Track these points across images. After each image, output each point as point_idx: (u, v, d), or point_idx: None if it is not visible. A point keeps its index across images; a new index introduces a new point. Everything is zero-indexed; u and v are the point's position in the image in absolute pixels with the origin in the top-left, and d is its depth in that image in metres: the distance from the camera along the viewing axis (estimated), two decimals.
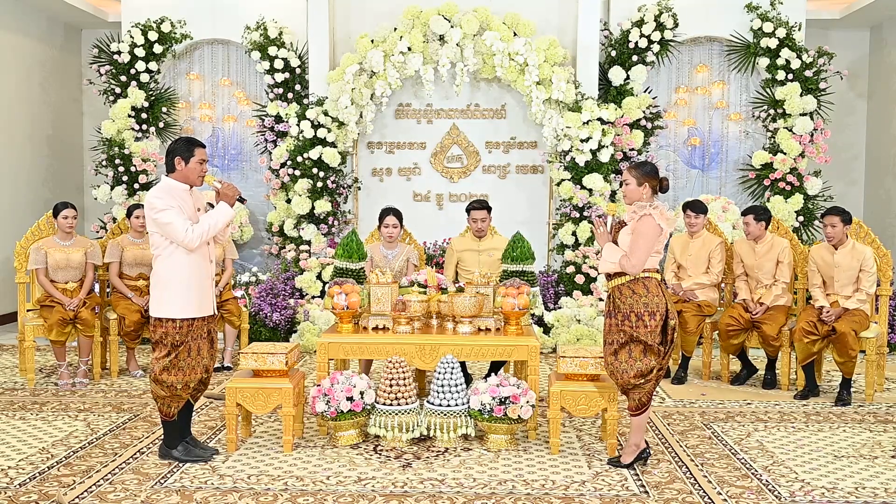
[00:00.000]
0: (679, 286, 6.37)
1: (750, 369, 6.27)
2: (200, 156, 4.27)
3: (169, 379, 4.21)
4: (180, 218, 4.13)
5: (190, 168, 4.23)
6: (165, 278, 4.21)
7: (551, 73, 7.92)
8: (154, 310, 4.26)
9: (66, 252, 6.17)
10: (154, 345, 4.29)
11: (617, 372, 4.19)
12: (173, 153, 4.24)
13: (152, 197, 4.16)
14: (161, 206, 4.11)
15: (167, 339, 4.22)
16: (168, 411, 4.29)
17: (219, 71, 8.92)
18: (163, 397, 4.26)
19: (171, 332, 4.21)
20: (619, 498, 3.87)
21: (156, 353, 4.26)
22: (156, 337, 4.26)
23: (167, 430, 4.36)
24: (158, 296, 4.24)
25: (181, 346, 4.23)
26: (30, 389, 5.94)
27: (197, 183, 4.29)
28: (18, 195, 9.06)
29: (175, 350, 4.22)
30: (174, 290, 4.21)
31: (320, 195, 8.16)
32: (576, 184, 8.05)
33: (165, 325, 4.22)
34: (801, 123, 8.11)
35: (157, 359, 4.24)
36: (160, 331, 4.23)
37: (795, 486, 4.04)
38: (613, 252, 4.24)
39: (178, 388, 4.24)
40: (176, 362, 4.22)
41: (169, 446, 4.35)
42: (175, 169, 4.24)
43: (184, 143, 4.26)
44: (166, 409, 4.29)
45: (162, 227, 4.13)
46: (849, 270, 5.71)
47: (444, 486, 3.99)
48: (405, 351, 4.69)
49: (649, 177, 4.23)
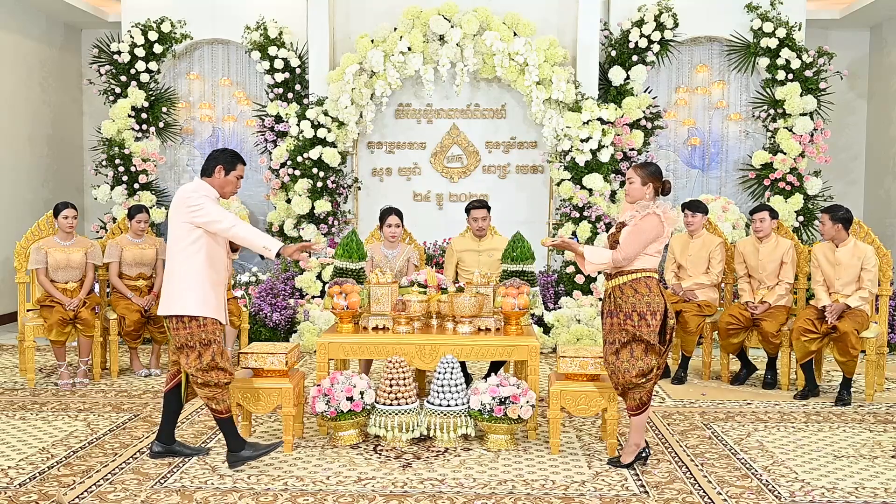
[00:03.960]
0: (679, 286, 6.37)
1: (750, 369, 6.27)
2: (240, 172, 4.28)
3: (213, 377, 4.10)
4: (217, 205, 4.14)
5: (227, 180, 4.23)
6: (185, 275, 4.09)
7: (551, 73, 7.92)
8: (170, 308, 4.11)
9: (66, 252, 6.17)
10: (179, 350, 4.14)
11: (618, 371, 4.19)
12: (217, 160, 4.21)
13: (191, 191, 4.11)
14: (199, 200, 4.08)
15: (193, 339, 4.09)
16: (223, 407, 4.16)
17: (219, 71, 8.92)
18: (212, 395, 4.13)
19: (195, 331, 4.09)
20: (619, 498, 3.87)
21: (186, 357, 4.10)
22: (180, 341, 4.10)
23: (229, 433, 4.20)
24: (177, 294, 4.10)
25: (211, 344, 4.11)
26: (30, 389, 5.94)
27: (226, 196, 4.27)
28: (18, 195, 9.07)
29: (206, 349, 4.10)
30: (196, 288, 4.09)
31: (320, 195, 8.15)
32: (576, 184, 8.05)
33: (189, 325, 4.09)
34: (801, 123, 8.11)
35: (191, 364, 4.09)
36: (184, 332, 4.09)
37: (795, 486, 4.04)
38: (598, 253, 4.25)
39: (222, 381, 4.13)
40: (214, 364, 4.10)
41: (236, 450, 4.20)
42: (213, 175, 4.21)
43: (230, 154, 4.26)
44: (220, 406, 4.15)
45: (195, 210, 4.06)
46: (850, 269, 5.71)
47: (444, 486, 3.99)
48: (405, 351, 4.69)
49: (653, 178, 4.24)
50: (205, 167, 4.25)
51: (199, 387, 4.14)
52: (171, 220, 4.17)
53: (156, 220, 8.40)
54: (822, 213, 5.81)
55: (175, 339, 4.14)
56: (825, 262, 5.82)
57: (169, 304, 4.13)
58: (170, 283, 4.15)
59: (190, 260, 4.11)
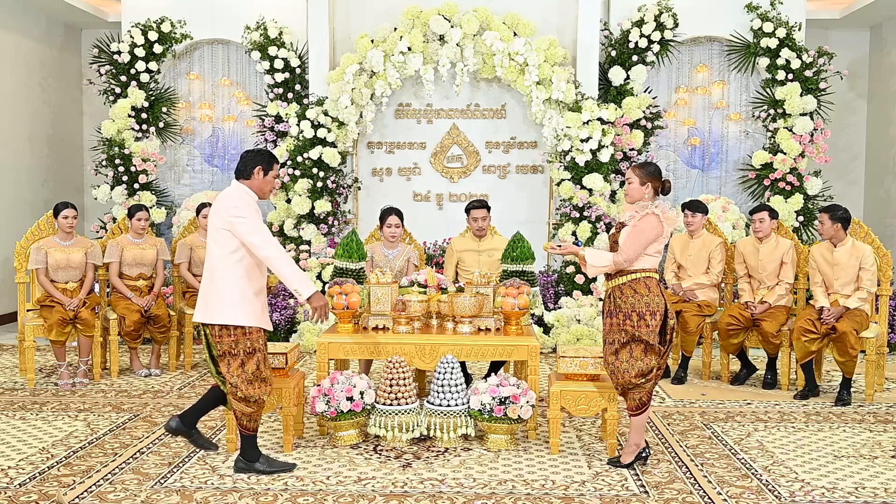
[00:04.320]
0: (679, 286, 6.37)
1: (750, 369, 6.27)
2: (277, 171, 4.22)
3: (255, 392, 3.99)
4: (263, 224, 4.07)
5: (266, 181, 4.14)
6: (227, 283, 3.97)
7: (551, 73, 7.92)
8: (213, 317, 3.98)
9: (66, 252, 6.17)
10: (221, 358, 4.01)
11: (618, 372, 4.19)
12: (256, 161, 4.10)
13: (236, 199, 4.01)
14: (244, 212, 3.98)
15: (237, 347, 3.97)
16: (253, 426, 4.08)
17: (219, 71, 8.92)
18: (249, 413, 4.04)
19: (240, 338, 3.97)
20: (619, 498, 3.87)
21: (228, 366, 3.99)
22: (223, 349, 3.98)
23: (248, 445, 4.13)
24: (219, 302, 3.97)
25: (255, 353, 4.00)
26: (30, 389, 5.94)
27: (266, 196, 4.21)
28: (18, 195, 9.06)
29: (250, 358, 3.99)
30: (239, 297, 3.97)
31: (320, 195, 8.15)
32: (576, 184, 8.05)
33: (234, 332, 3.96)
34: (801, 123, 8.11)
35: (233, 373, 3.98)
36: (227, 340, 3.97)
37: (795, 486, 4.04)
38: (600, 256, 4.25)
39: (263, 399, 4.04)
40: (257, 372, 4.00)
41: (250, 460, 4.13)
42: (251, 177, 4.10)
43: (267, 154, 4.17)
44: (253, 424, 4.08)
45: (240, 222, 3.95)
46: (849, 269, 5.71)
47: (444, 486, 3.99)
48: (405, 351, 4.69)
49: (653, 177, 4.24)
50: (241, 169, 4.11)
51: (238, 401, 4.02)
52: (212, 224, 4.04)
53: (156, 220, 8.40)
54: (821, 213, 5.81)
55: (217, 346, 4.01)
56: (823, 262, 5.82)
57: (211, 312, 4.00)
58: (211, 289, 4.01)
59: (232, 267, 3.98)
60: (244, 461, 4.16)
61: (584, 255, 4.28)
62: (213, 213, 4.06)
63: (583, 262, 4.32)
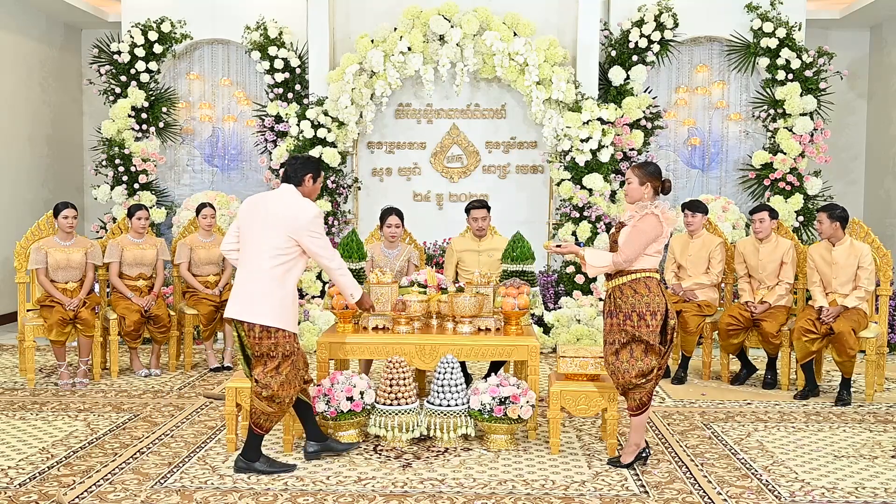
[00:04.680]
0: (679, 286, 6.37)
1: (750, 369, 6.27)
2: (323, 179, 4.40)
3: (283, 394, 4.06)
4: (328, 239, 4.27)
5: (314, 188, 4.28)
6: (279, 287, 4.06)
7: (551, 73, 7.92)
8: (261, 317, 4.03)
9: (66, 252, 6.17)
10: (258, 359, 4.08)
11: (618, 372, 4.19)
12: (306, 168, 4.22)
13: (312, 216, 4.10)
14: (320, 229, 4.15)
15: (277, 349, 4.04)
16: (267, 427, 4.13)
17: (219, 71, 8.92)
18: (269, 413, 4.08)
19: (281, 342, 4.05)
20: (619, 498, 3.87)
21: (264, 366, 4.06)
22: (262, 350, 4.05)
23: (253, 444, 4.15)
24: (267, 303, 4.03)
25: (292, 355, 4.09)
26: (30, 389, 5.94)
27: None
28: (18, 195, 9.07)
29: (287, 360, 4.07)
30: (288, 302, 4.09)
31: (320, 195, 8.15)
32: (576, 184, 8.05)
33: (275, 335, 4.04)
34: (801, 123, 8.11)
35: (268, 373, 4.04)
36: (268, 342, 4.04)
37: (795, 486, 4.04)
38: (599, 256, 4.26)
39: (286, 402, 4.10)
40: (290, 376, 4.07)
41: (251, 460, 4.14)
42: (301, 183, 4.20)
43: (316, 162, 4.33)
44: (269, 424, 4.11)
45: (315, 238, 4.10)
46: (847, 268, 5.71)
47: (444, 486, 3.99)
48: (405, 351, 4.69)
49: (652, 177, 4.24)
50: (291, 175, 4.20)
51: (262, 399, 4.06)
52: (274, 228, 4.07)
53: (156, 220, 8.40)
54: (820, 212, 5.82)
55: (255, 347, 4.07)
56: (821, 261, 5.82)
57: (254, 312, 4.05)
58: (257, 289, 4.07)
59: (287, 274, 4.08)
60: (245, 461, 4.16)
61: (584, 256, 4.28)
62: (282, 220, 4.09)
63: (583, 262, 4.32)
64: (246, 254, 4.15)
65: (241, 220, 4.23)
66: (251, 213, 4.18)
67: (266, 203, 4.17)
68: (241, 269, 4.20)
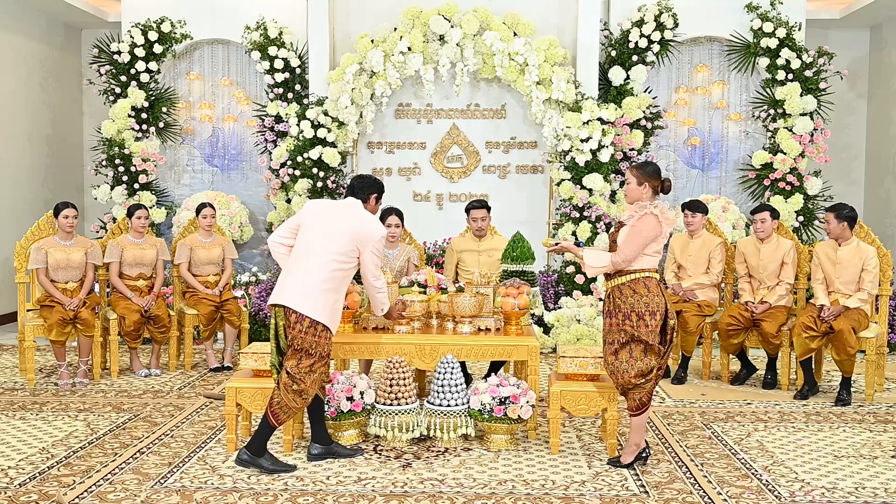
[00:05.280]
0: (679, 286, 6.37)
1: (750, 369, 6.27)
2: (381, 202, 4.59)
3: (312, 391, 4.15)
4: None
5: (375, 208, 4.50)
6: (337, 289, 4.22)
7: (551, 73, 7.92)
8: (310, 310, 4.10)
9: (66, 252, 6.17)
10: (296, 352, 4.11)
11: (618, 372, 4.19)
12: (372, 188, 4.45)
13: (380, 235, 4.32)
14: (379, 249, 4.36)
15: (317, 348, 4.12)
16: (284, 419, 4.16)
17: (219, 71, 8.92)
18: (294, 408, 4.13)
19: (322, 342, 4.14)
20: (619, 498, 3.87)
21: (299, 361, 4.10)
22: (303, 345, 4.10)
23: (262, 438, 4.15)
24: (324, 301, 4.14)
25: (326, 358, 4.19)
26: (30, 389, 5.94)
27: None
28: (18, 195, 9.07)
29: (322, 361, 4.15)
30: (339, 310, 4.27)
31: (320, 195, 8.15)
32: (576, 184, 8.05)
33: (321, 334, 4.13)
34: (801, 123, 8.11)
35: (302, 369, 4.09)
36: (312, 339, 4.10)
37: (795, 486, 4.04)
38: (598, 256, 4.26)
39: (310, 399, 4.19)
40: (321, 375, 4.17)
41: (256, 454, 4.14)
42: (367, 201, 4.42)
43: (381, 185, 4.52)
44: (285, 417, 4.15)
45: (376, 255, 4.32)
46: (852, 269, 5.71)
47: (444, 486, 3.99)
48: (405, 351, 4.69)
49: (651, 177, 4.23)
50: (358, 191, 4.43)
51: (291, 392, 4.10)
52: (342, 235, 4.22)
53: (156, 220, 8.40)
54: (827, 212, 5.79)
55: (298, 339, 4.11)
56: (826, 260, 5.82)
57: (307, 304, 4.12)
58: (316, 286, 4.15)
59: (343, 281, 4.25)
60: (249, 454, 4.14)
61: (583, 256, 4.28)
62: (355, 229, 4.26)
63: (581, 262, 4.32)
64: (307, 251, 4.23)
65: (305, 219, 4.32)
66: (320, 215, 4.32)
67: (336, 210, 4.35)
68: (298, 262, 4.23)
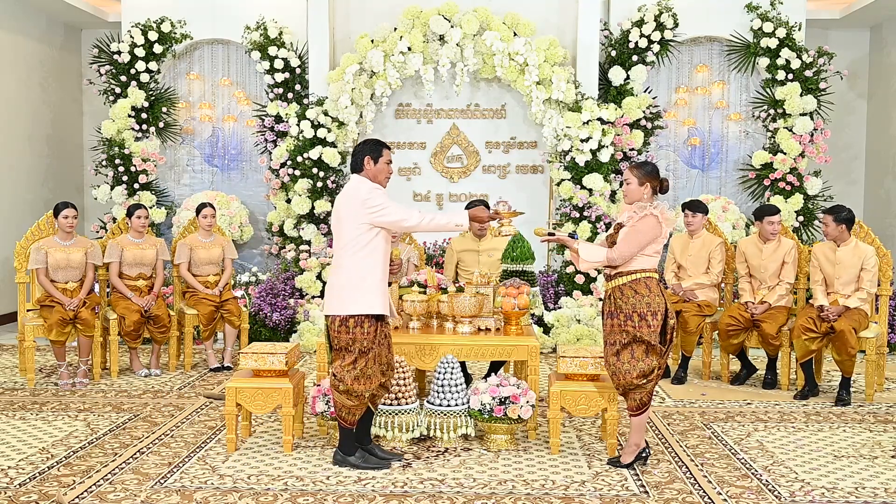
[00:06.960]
0: (679, 286, 6.37)
1: (750, 369, 6.27)
2: (388, 157, 4.24)
3: (359, 388, 4.08)
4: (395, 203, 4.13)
5: (378, 168, 4.18)
6: (363, 277, 4.06)
7: (551, 73, 7.92)
8: (332, 308, 4.09)
9: (66, 252, 6.17)
10: (337, 352, 4.14)
11: (619, 372, 4.19)
12: (362, 153, 4.18)
13: (365, 192, 4.07)
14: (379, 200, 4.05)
15: (354, 345, 4.07)
16: (352, 420, 4.15)
17: (219, 71, 8.92)
18: (349, 407, 4.12)
19: (359, 337, 4.06)
20: (619, 498, 3.87)
21: (341, 360, 4.11)
22: (341, 343, 4.09)
23: (345, 438, 4.21)
24: (348, 296, 4.06)
25: (369, 352, 4.09)
26: (30, 389, 5.94)
27: (383, 184, 4.22)
28: (18, 195, 9.06)
29: (364, 357, 4.08)
30: (374, 288, 4.07)
31: (320, 195, 8.15)
32: (576, 184, 8.05)
33: (353, 331, 4.05)
34: (801, 123, 8.11)
35: (344, 367, 4.08)
36: (346, 336, 4.07)
37: (795, 486, 4.04)
38: (593, 251, 4.25)
39: (365, 396, 4.13)
40: (366, 370, 4.08)
41: (347, 453, 4.20)
42: (363, 168, 4.18)
43: (372, 143, 4.24)
44: (351, 418, 4.15)
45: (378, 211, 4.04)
46: (850, 269, 5.71)
47: (444, 486, 3.99)
48: (405, 351, 4.69)
49: (650, 177, 4.23)
50: (353, 164, 4.22)
51: (340, 393, 4.11)
52: (344, 221, 4.11)
53: (156, 220, 8.40)
54: (825, 215, 5.79)
55: (336, 339, 4.12)
56: (825, 261, 5.82)
57: (329, 304, 4.11)
58: (336, 283, 4.12)
59: (366, 261, 4.08)
60: (341, 453, 4.23)
61: (578, 249, 4.28)
62: (345, 210, 4.11)
63: (575, 255, 4.31)
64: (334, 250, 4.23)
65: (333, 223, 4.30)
66: (333, 211, 4.26)
67: (336, 203, 4.24)
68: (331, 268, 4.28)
